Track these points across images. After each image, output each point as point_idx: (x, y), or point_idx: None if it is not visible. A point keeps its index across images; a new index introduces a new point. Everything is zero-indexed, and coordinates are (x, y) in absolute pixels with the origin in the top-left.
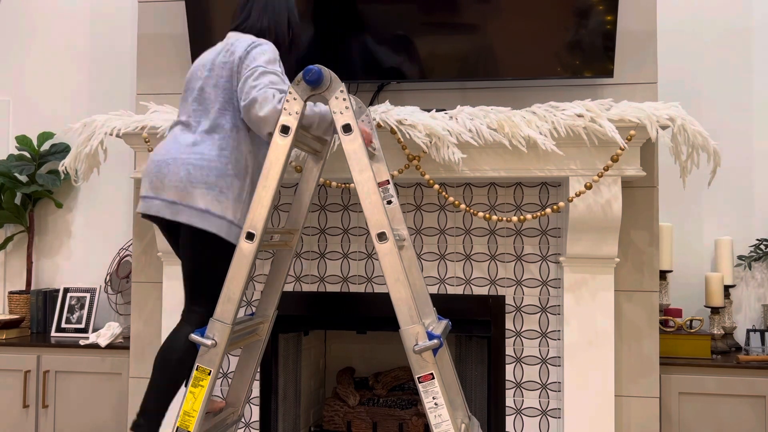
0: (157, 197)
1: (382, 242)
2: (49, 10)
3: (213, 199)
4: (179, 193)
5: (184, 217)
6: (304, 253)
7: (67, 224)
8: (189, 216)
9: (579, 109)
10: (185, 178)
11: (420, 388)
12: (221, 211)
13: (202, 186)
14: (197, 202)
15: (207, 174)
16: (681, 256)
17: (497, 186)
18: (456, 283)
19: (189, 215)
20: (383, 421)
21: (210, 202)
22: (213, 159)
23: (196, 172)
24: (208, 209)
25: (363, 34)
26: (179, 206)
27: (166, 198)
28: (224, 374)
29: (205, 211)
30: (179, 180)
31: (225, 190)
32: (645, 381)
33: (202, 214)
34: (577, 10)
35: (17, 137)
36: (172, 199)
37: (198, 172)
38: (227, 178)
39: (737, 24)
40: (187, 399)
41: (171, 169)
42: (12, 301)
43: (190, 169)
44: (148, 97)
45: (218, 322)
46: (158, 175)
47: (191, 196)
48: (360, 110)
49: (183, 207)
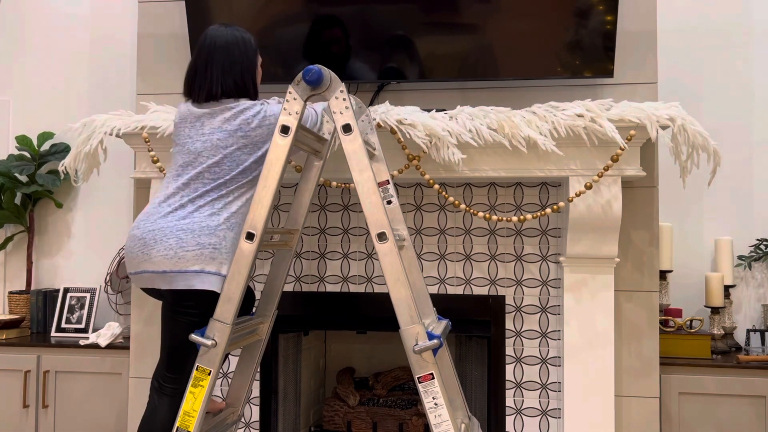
0: (145, 271)
1: (382, 242)
2: (49, 10)
3: (207, 258)
4: (170, 262)
5: (182, 284)
6: (304, 253)
7: (67, 224)
8: (186, 281)
9: (579, 109)
10: (176, 245)
11: (420, 388)
12: (216, 268)
13: (195, 248)
14: (191, 266)
15: (198, 236)
16: (681, 256)
17: (497, 186)
18: (456, 283)
19: (186, 281)
20: (383, 421)
21: (204, 263)
22: (203, 221)
23: (187, 238)
24: (203, 269)
25: (363, 34)
26: (172, 274)
27: (156, 270)
28: (224, 374)
29: (200, 272)
30: (169, 249)
31: (218, 246)
32: (645, 381)
33: (197, 275)
34: (577, 10)
35: (17, 137)
36: (163, 269)
37: (189, 238)
38: (219, 233)
39: (737, 24)
40: (187, 399)
41: (158, 239)
42: (12, 301)
43: (181, 236)
44: (148, 97)
45: (218, 322)
46: (144, 249)
47: (184, 261)
48: (360, 110)
49: (177, 274)
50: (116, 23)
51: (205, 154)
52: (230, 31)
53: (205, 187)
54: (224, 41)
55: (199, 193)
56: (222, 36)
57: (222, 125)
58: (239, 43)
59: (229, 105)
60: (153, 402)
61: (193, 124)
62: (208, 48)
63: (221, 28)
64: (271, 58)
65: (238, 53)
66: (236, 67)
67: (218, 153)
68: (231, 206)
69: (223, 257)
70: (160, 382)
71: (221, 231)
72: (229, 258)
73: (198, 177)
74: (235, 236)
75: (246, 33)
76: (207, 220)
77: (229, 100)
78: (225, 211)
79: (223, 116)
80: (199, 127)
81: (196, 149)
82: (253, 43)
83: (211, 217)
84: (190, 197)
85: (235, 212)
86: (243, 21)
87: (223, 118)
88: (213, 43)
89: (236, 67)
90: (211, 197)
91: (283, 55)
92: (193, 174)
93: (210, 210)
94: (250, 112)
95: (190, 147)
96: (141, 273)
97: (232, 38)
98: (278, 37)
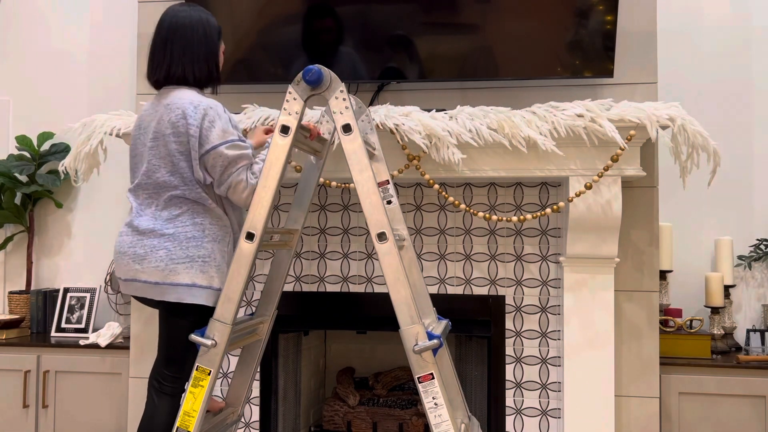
0: (136, 279)
1: (382, 242)
2: (49, 10)
3: (198, 271)
4: (161, 273)
5: (173, 296)
6: (304, 253)
7: (67, 224)
8: (177, 294)
9: (579, 109)
10: (166, 257)
11: (420, 388)
12: (208, 281)
13: (185, 261)
14: (182, 279)
15: (186, 248)
16: (681, 256)
17: (497, 186)
18: (456, 283)
19: (177, 294)
20: (383, 421)
21: (195, 276)
22: (188, 232)
23: (175, 250)
24: (195, 283)
25: (363, 34)
26: (164, 286)
27: (149, 280)
28: (224, 374)
29: (192, 286)
30: (160, 260)
31: (207, 259)
32: (645, 381)
33: (189, 289)
34: (577, 10)
35: (17, 137)
36: (155, 280)
37: (177, 249)
38: (207, 246)
39: (737, 24)
40: (187, 399)
41: (148, 251)
42: (12, 301)
43: (169, 247)
44: (148, 97)
45: (218, 322)
46: (135, 258)
47: (175, 274)
48: (360, 110)
49: (168, 286)
50: (116, 23)
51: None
52: (193, 11)
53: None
54: (187, 21)
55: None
56: (184, 15)
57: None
58: (204, 24)
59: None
60: (152, 402)
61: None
62: (168, 28)
63: (183, 7)
64: (271, 58)
65: (201, 35)
66: (200, 50)
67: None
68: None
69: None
70: (159, 381)
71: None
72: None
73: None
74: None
75: (209, 14)
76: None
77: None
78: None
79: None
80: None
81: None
82: (216, 25)
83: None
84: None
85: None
86: (243, 21)
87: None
88: (174, 22)
89: (200, 50)
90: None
91: (283, 55)
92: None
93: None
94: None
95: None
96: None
97: (197, 18)
98: (278, 37)
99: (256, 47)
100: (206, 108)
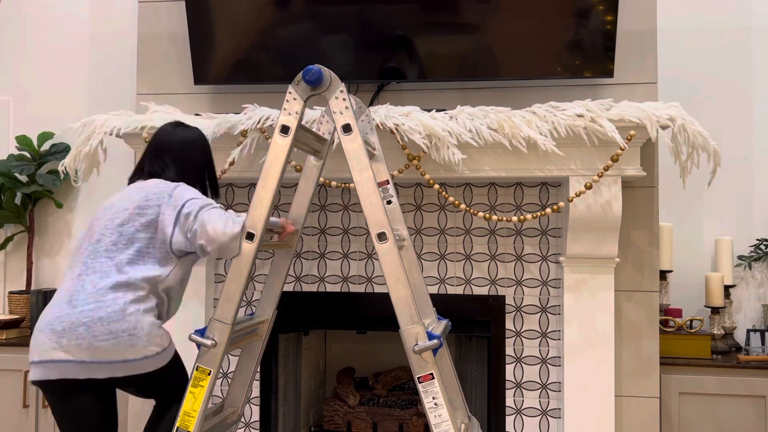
0: (67, 360)
1: (382, 242)
2: (49, 10)
3: (125, 347)
4: (86, 351)
5: (116, 372)
6: (304, 253)
7: (67, 224)
8: (113, 370)
9: (579, 109)
10: (86, 333)
11: (420, 388)
12: (140, 354)
13: (108, 337)
14: (114, 356)
15: (107, 323)
16: (681, 256)
17: (497, 186)
18: (456, 283)
19: (113, 369)
20: (383, 421)
21: (124, 351)
22: (108, 306)
23: (95, 326)
24: (126, 359)
25: (363, 34)
26: (95, 364)
27: (75, 359)
28: (224, 374)
29: (125, 361)
30: (79, 337)
31: (133, 332)
32: (645, 381)
33: (126, 364)
34: (577, 10)
35: (17, 137)
36: (81, 359)
37: (97, 325)
38: (130, 318)
39: (737, 24)
40: (187, 399)
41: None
42: (12, 301)
43: (88, 324)
44: (148, 97)
45: (218, 322)
46: (61, 335)
47: (104, 351)
48: (360, 110)
49: (101, 364)
50: (116, 23)
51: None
52: (183, 131)
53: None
54: (177, 140)
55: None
56: (175, 135)
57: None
58: (196, 142)
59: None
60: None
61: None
62: (157, 143)
63: (171, 128)
64: (271, 58)
65: (194, 152)
66: (193, 165)
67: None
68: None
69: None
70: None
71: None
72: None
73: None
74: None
75: (198, 131)
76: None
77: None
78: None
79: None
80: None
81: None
82: (206, 138)
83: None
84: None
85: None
86: (243, 21)
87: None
88: (163, 140)
89: (193, 165)
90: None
91: (283, 55)
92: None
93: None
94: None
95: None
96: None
97: (185, 137)
98: (278, 37)
99: (256, 47)
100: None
